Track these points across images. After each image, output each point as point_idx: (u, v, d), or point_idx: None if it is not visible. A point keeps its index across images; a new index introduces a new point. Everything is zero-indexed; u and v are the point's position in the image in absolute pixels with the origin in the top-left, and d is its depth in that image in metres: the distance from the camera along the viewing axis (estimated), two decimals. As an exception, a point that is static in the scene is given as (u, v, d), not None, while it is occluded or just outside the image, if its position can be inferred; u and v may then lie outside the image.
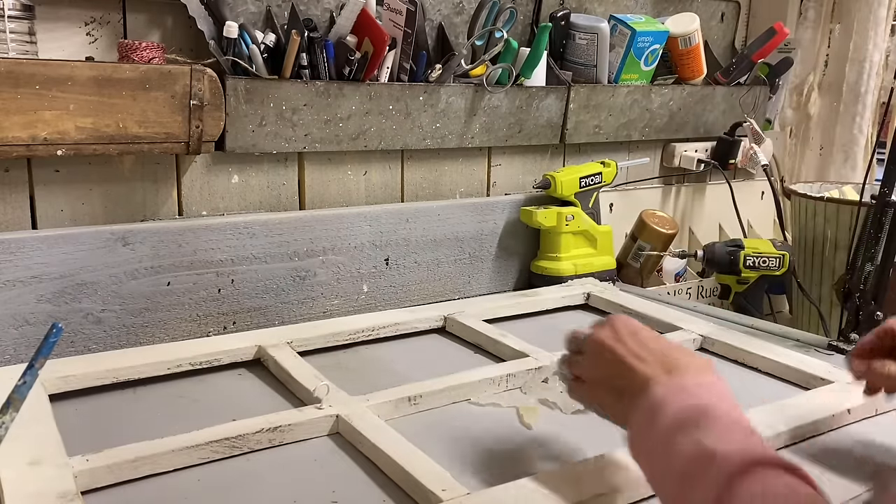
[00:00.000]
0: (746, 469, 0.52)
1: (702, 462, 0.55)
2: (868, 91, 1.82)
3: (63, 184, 1.07)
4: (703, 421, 0.58)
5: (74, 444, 0.77)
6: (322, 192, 1.28)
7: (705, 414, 0.58)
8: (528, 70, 1.39)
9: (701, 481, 0.54)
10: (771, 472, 0.52)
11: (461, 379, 0.97)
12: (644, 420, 0.63)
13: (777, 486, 0.51)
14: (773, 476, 0.52)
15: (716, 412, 0.58)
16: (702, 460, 0.55)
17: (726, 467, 0.53)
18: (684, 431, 0.58)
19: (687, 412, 0.59)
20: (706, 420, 0.58)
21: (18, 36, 0.98)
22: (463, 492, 0.71)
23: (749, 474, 0.52)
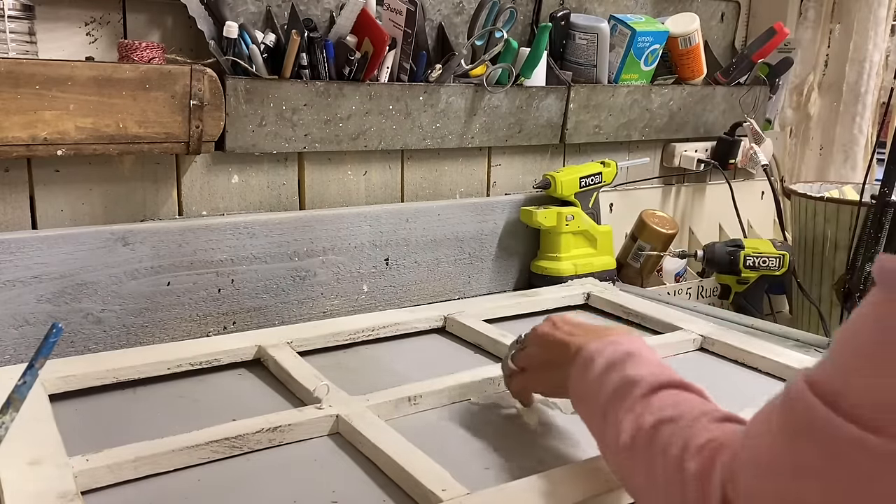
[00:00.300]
0: (659, 388, 0.66)
1: (625, 387, 0.68)
2: (868, 91, 1.82)
3: (63, 184, 1.07)
4: (628, 360, 0.71)
5: (74, 444, 0.77)
6: (322, 192, 1.28)
7: (630, 355, 0.72)
8: (528, 70, 1.39)
9: (623, 402, 0.67)
10: (677, 390, 0.66)
11: (461, 379, 0.97)
12: (580, 370, 0.75)
13: (681, 396, 0.65)
14: (679, 392, 0.66)
15: (640, 354, 0.72)
16: (625, 386, 0.68)
17: (643, 387, 0.66)
18: (614, 370, 0.71)
19: (615, 355, 0.73)
20: (631, 359, 0.71)
21: (18, 36, 0.98)
22: (463, 492, 0.71)
23: (662, 390, 0.66)
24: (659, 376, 0.67)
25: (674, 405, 0.63)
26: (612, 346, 0.74)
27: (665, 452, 0.59)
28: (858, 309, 0.48)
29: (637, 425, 0.63)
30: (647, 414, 0.63)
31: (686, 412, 0.61)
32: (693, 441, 0.56)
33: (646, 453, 0.61)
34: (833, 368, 0.48)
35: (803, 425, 0.47)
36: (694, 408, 0.62)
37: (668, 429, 0.60)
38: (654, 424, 0.62)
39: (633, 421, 0.64)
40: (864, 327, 0.47)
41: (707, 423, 0.58)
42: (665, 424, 0.61)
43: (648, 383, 0.67)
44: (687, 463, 0.55)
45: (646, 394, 0.66)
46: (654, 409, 0.64)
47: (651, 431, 0.62)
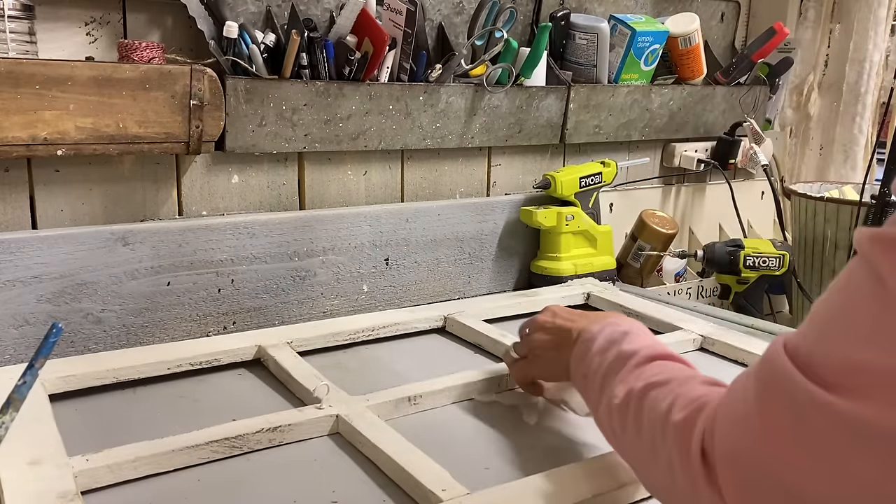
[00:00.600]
0: (652, 359, 0.70)
1: (620, 360, 0.72)
2: (868, 91, 1.82)
3: (63, 184, 1.07)
4: (625, 338, 0.76)
5: (74, 444, 0.77)
6: (322, 192, 1.28)
7: (627, 333, 0.76)
8: (528, 70, 1.39)
9: (618, 373, 0.71)
10: (668, 361, 0.71)
11: (461, 379, 0.97)
12: (581, 351, 0.79)
13: (671, 364, 0.70)
14: (668, 362, 0.70)
15: (636, 332, 0.77)
16: (620, 359, 0.72)
17: (636, 358, 0.71)
18: (611, 346, 0.75)
19: (614, 334, 0.77)
20: (628, 337, 0.76)
21: (18, 36, 0.98)
22: (463, 492, 0.71)
23: (654, 361, 0.70)
24: (652, 349, 0.72)
25: (664, 371, 0.67)
26: (611, 326, 0.79)
27: (654, 408, 0.62)
28: (834, 281, 0.50)
29: (629, 389, 0.67)
30: (639, 380, 0.67)
31: (676, 376, 0.65)
32: (681, 398, 0.60)
33: (636, 412, 0.65)
34: (807, 330, 0.50)
35: (774, 385, 0.49)
36: (683, 372, 0.67)
37: (657, 390, 0.64)
38: (645, 387, 0.65)
39: (626, 386, 0.68)
40: (834, 292, 0.49)
41: (696, 384, 0.62)
42: (655, 387, 0.64)
43: (642, 355, 0.71)
44: (673, 415, 0.58)
45: (639, 363, 0.70)
46: (646, 375, 0.67)
47: (641, 393, 0.65)
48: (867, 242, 0.46)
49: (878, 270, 0.45)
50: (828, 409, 0.45)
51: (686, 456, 0.55)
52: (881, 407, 0.43)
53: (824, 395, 0.45)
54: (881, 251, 0.45)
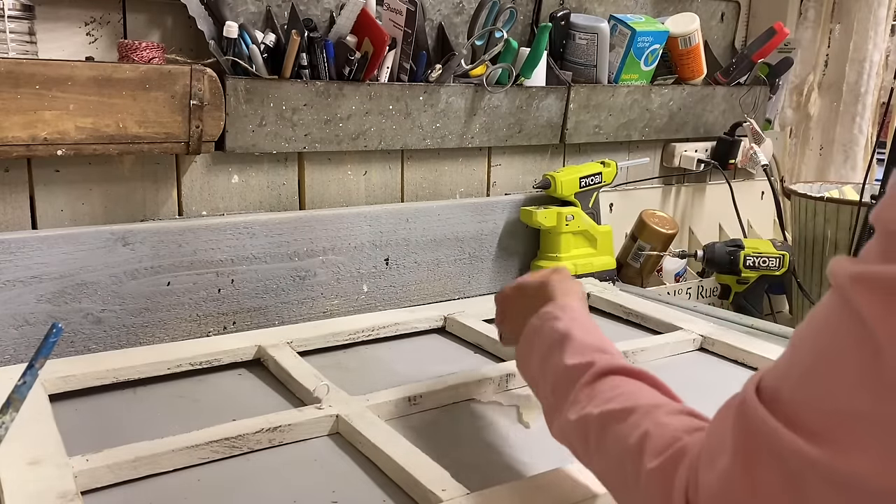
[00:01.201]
0: (602, 374, 0.65)
1: (566, 378, 0.68)
2: (868, 91, 1.82)
3: (63, 184, 1.07)
4: (566, 344, 0.71)
5: (74, 444, 0.77)
6: (322, 192, 1.28)
7: (567, 337, 0.71)
8: (528, 70, 1.39)
9: (567, 394, 0.67)
10: (620, 377, 0.65)
11: (461, 379, 0.97)
12: (523, 351, 0.77)
13: (626, 385, 0.64)
14: (623, 380, 0.64)
15: (575, 334, 0.71)
16: (566, 377, 0.68)
17: (586, 377, 0.66)
18: (552, 355, 0.71)
19: (553, 337, 0.73)
20: (569, 343, 0.71)
21: (18, 36, 0.98)
22: (463, 492, 0.71)
23: (605, 377, 0.65)
24: (599, 362, 0.66)
25: (620, 394, 0.62)
26: (550, 323, 0.74)
27: (620, 443, 0.58)
28: (813, 312, 0.47)
29: (583, 414, 0.63)
30: (592, 403, 0.63)
31: (636, 403, 0.60)
32: (652, 439, 0.55)
33: (598, 441, 0.61)
34: (786, 371, 0.47)
35: (755, 440, 0.46)
36: (641, 395, 0.61)
37: (619, 425, 0.59)
38: (602, 416, 0.61)
39: (577, 412, 0.64)
40: (814, 330, 0.46)
41: (662, 416, 0.57)
42: (615, 419, 0.60)
43: (591, 373, 0.66)
44: (646, 461, 0.54)
45: (588, 383, 0.65)
46: (601, 398, 0.63)
47: (600, 422, 0.61)
48: (847, 282, 0.43)
49: (860, 313, 0.42)
50: (820, 466, 0.42)
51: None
52: (877, 460, 0.41)
53: (814, 450, 0.42)
54: (862, 292, 0.42)
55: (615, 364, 0.66)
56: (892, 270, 0.41)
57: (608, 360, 0.66)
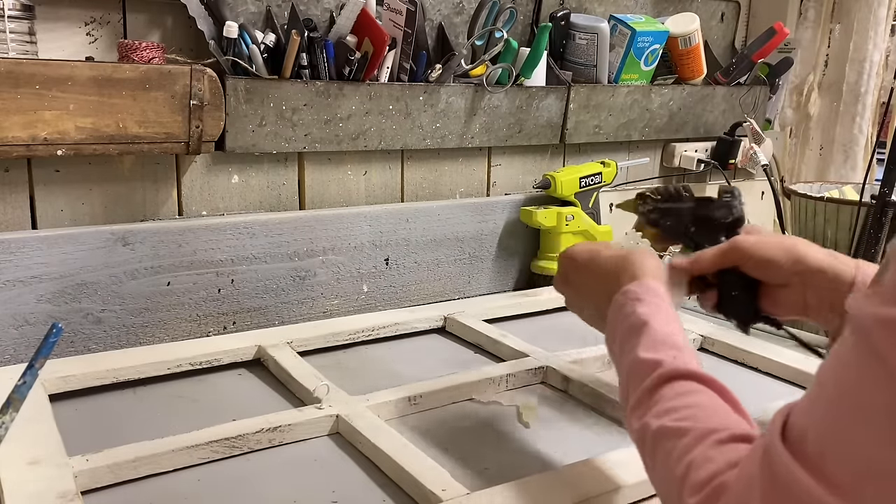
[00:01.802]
0: (669, 378, 0.62)
1: (635, 373, 0.65)
2: (868, 91, 1.82)
3: (63, 184, 1.07)
4: (642, 334, 0.67)
5: (74, 444, 0.77)
6: (322, 192, 1.28)
7: (645, 327, 0.68)
8: (528, 70, 1.39)
9: (634, 390, 0.64)
10: (689, 382, 0.62)
11: (461, 379, 0.97)
12: (609, 327, 0.73)
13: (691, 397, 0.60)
14: (690, 390, 0.61)
15: (653, 324, 0.68)
16: (635, 372, 0.65)
17: (653, 378, 0.63)
18: (627, 345, 0.68)
19: (630, 325, 0.69)
20: (645, 334, 0.67)
21: (18, 36, 0.98)
22: (463, 492, 0.71)
23: (672, 382, 0.62)
24: (667, 363, 0.63)
25: (681, 407, 0.59)
26: (632, 306, 0.71)
27: (666, 466, 0.57)
28: (836, 347, 0.45)
29: (643, 423, 0.61)
30: (652, 412, 0.61)
31: (693, 426, 0.57)
32: (694, 471, 0.53)
33: (651, 454, 0.60)
34: (813, 416, 0.45)
35: (783, 493, 0.45)
36: (701, 420, 0.58)
37: (671, 442, 0.57)
38: (658, 431, 0.59)
39: (641, 414, 0.62)
40: (839, 374, 0.45)
41: (710, 447, 0.54)
42: (669, 436, 0.58)
43: (658, 375, 0.63)
44: (687, 496, 0.53)
45: (654, 386, 0.62)
46: (661, 409, 0.60)
47: (655, 437, 0.59)
48: (873, 326, 0.41)
49: (886, 360, 0.40)
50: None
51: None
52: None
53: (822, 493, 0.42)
54: (888, 338, 0.40)
55: (682, 368, 0.63)
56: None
57: (677, 363, 0.63)
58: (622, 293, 0.73)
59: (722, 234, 0.83)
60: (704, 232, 0.84)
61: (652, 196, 0.86)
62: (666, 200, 0.85)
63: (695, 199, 0.86)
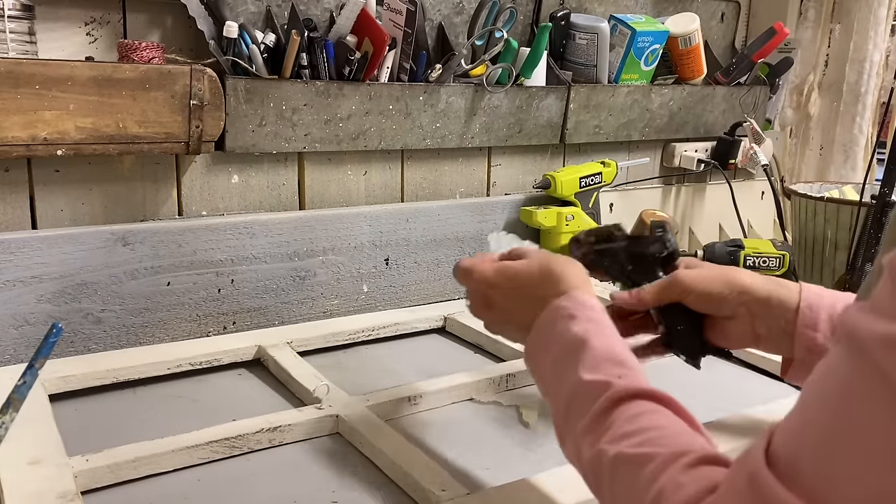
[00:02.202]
0: (620, 400, 0.58)
1: (581, 397, 0.61)
2: (868, 91, 1.82)
3: (63, 184, 1.07)
4: (582, 352, 0.63)
5: (74, 444, 0.77)
6: (322, 192, 1.28)
7: (584, 344, 0.64)
8: (528, 70, 1.39)
9: (581, 417, 0.60)
10: (643, 402, 0.58)
11: (461, 379, 0.97)
12: (536, 348, 0.69)
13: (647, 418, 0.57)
14: (644, 412, 0.57)
15: (592, 341, 0.64)
16: (581, 396, 0.61)
17: (601, 401, 0.59)
18: (567, 364, 0.64)
19: (567, 341, 0.65)
20: (585, 351, 0.63)
21: (18, 36, 0.98)
22: (463, 492, 0.71)
23: (624, 403, 0.58)
24: (616, 383, 0.59)
25: (640, 434, 0.55)
26: (565, 323, 0.66)
27: (632, 496, 0.53)
28: (824, 365, 0.43)
29: (596, 453, 0.57)
30: (603, 441, 0.56)
31: (656, 451, 0.53)
32: (666, 498, 0.50)
33: (610, 486, 0.56)
34: (800, 441, 0.43)
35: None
36: (663, 443, 0.54)
37: (633, 470, 0.53)
38: (616, 459, 0.55)
39: (591, 446, 0.58)
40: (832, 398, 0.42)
41: (679, 472, 0.50)
42: (629, 464, 0.54)
43: (609, 397, 0.59)
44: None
45: (605, 410, 0.58)
46: (615, 434, 0.56)
47: (612, 464, 0.55)
48: (879, 347, 0.38)
49: (893, 382, 0.38)
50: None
51: None
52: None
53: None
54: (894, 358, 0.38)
55: (633, 387, 0.59)
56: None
57: (627, 382, 0.60)
58: (550, 310, 0.68)
59: (659, 270, 0.82)
60: (641, 269, 0.83)
61: (585, 239, 0.86)
62: (599, 242, 0.85)
63: (627, 237, 0.85)
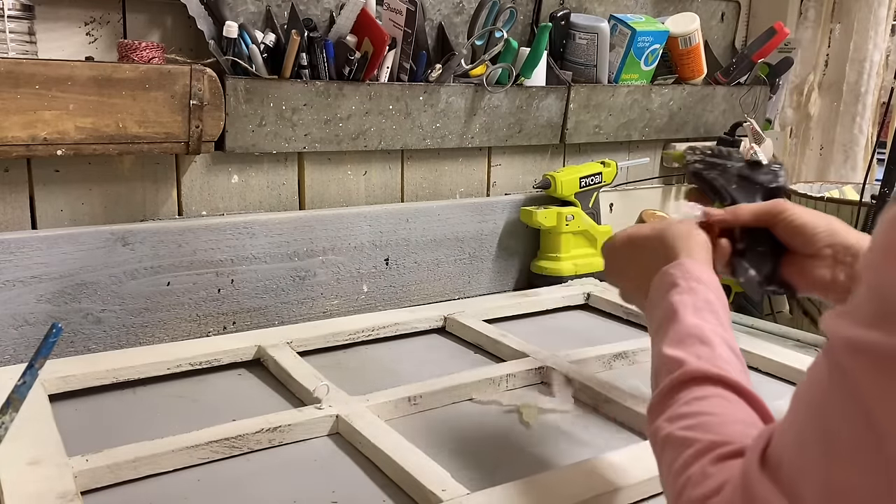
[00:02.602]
0: (690, 381, 0.59)
1: (660, 366, 0.63)
2: (868, 91, 1.82)
3: (63, 184, 1.07)
4: (670, 325, 0.64)
5: (74, 444, 0.77)
6: (322, 192, 1.28)
7: (674, 316, 0.65)
8: (528, 70, 1.39)
9: (658, 382, 0.62)
10: (710, 388, 0.59)
11: (461, 379, 0.97)
12: (649, 311, 0.70)
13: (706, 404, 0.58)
14: (707, 397, 0.58)
15: (684, 315, 0.64)
16: (661, 365, 0.63)
17: (675, 376, 0.60)
18: (658, 333, 0.66)
19: (663, 313, 0.66)
20: (673, 325, 0.64)
21: (18, 36, 0.98)
22: (463, 492, 0.71)
23: (691, 386, 0.59)
24: (695, 363, 0.60)
25: (692, 418, 0.57)
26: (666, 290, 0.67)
27: (669, 477, 0.56)
28: (811, 368, 0.44)
29: (655, 428, 0.59)
30: (662, 419, 0.59)
31: (699, 438, 0.55)
32: (691, 487, 0.52)
33: (658, 457, 0.59)
34: (787, 438, 0.45)
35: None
36: (710, 430, 0.55)
37: (675, 452, 0.55)
38: (667, 438, 0.57)
39: (653, 421, 0.60)
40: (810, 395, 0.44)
41: (710, 464, 0.52)
42: (674, 445, 0.56)
43: (679, 374, 0.60)
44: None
45: (673, 388, 0.60)
46: (673, 414, 0.58)
47: (663, 442, 0.58)
48: (845, 353, 0.40)
49: (856, 384, 0.40)
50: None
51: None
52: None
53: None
54: (858, 363, 0.40)
55: (705, 370, 0.59)
56: (890, 344, 0.38)
57: (702, 363, 0.60)
58: (659, 276, 0.70)
59: (760, 198, 0.81)
60: (744, 191, 0.82)
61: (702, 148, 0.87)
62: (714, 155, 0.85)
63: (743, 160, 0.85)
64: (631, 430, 0.90)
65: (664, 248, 0.72)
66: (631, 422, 0.91)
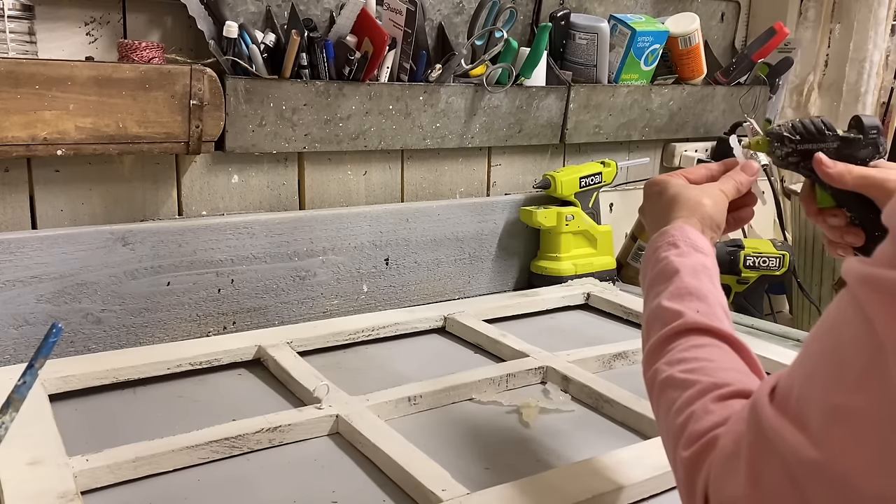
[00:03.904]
0: (685, 331, 0.63)
1: (655, 318, 0.66)
2: (868, 91, 1.82)
3: (63, 184, 1.07)
4: (670, 282, 0.67)
5: (74, 444, 0.77)
6: (322, 192, 1.28)
7: (675, 274, 0.68)
8: (528, 70, 1.39)
9: (651, 334, 0.65)
10: (704, 338, 0.62)
11: (461, 379, 0.97)
12: (644, 262, 0.74)
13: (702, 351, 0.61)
14: (702, 346, 0.61)
15: (683, 275, 0.68)
16: (656, 317, 0.66)
17: (670, 327, 0.63)
18: (654, 288, 0.69)
19: (662, 269, 0.69)
20: (672, 282, 0.67)
21: (18, 36, 0.98)
22: (463, 492, 0.71)
23: (687, 336, 0.62)
24: (693, 316, 0.63)
25: (692, 362, 0.60)
26: (665, 250, 0.71)
27: (666, 419, 0.58)
28: (826, 310, 0.47)
29: (654, 370, 0.62)
30: (661, 362, 0.62)
31: (699, 379, 0.58)
32: (691, 425, 0.55)
33: (656, 402, 0.61)
34: (797, 371, 0.47)
35: (762, 439, 0.46)
36: (709, 373, 0.58)
37: (673, 393, 0.58)
38: (665, 382, 0.60)
39: (651, 365, 0.63)
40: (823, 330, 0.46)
41: (711, 401, 0.55)
42: (672, 387, 0.59)
43: (677, 324, 0.63)
44: (680, 449, 0.55)
45: (671, 336, 0.63)
46: (672, 359, 0.61)
47: (661, 386, 0.60)
48: (856, 281, 0.43)
49: (867, 312, 0.42)
50: (819, 467, 0.42)
51: (692, 498, 0.53)
52: (870, 463, 0.40)
53: (813, 451, 0.43)
54: (869, 292, 0.42)
55: (703, 322, 0.63)
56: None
57: (701, 317, 0.63)
58: (660, 233, 0.73)
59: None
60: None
61: (790, 136, 0.77)
62: (805, 140, 0.77)
63: (839, 137, 0.77)
64: (631, 431, 0.90)
65: (675, 207, 0.76)
66: (631, 422, 0.91)
